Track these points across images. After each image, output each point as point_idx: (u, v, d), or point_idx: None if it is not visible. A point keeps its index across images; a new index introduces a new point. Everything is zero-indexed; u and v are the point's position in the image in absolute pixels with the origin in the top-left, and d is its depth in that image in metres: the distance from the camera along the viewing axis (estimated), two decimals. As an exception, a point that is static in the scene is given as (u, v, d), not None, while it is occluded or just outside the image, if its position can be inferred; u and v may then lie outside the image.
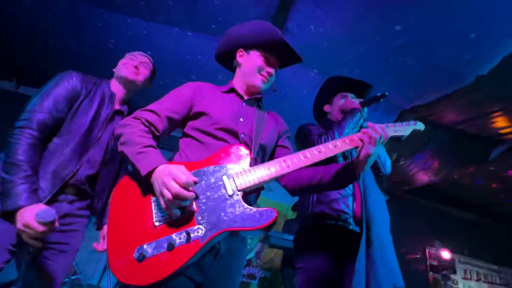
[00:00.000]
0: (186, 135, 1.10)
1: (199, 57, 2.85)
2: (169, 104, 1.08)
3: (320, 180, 1.05)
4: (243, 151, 0.98)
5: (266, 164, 0.95)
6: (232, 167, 0.93)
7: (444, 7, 1.77)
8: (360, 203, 1.37)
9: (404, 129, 1.08)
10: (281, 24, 2.34)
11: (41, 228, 0.95)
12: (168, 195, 0.78)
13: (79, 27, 2.74)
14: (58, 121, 1.17)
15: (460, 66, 2.14)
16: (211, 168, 0.93)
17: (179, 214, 0.82)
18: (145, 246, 0.78)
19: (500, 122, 2.88)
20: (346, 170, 1.01)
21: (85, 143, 1.21)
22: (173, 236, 0.79)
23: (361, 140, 0.97)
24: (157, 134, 1.02)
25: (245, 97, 1.18)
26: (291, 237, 3.23)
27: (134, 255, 0.77)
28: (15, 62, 3.61)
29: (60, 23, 2.75)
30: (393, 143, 1.16)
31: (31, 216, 0.95)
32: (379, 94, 1.53)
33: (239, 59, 1.21)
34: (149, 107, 1.06)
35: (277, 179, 0.99)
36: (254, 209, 0.84)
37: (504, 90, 2.31)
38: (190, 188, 0.81)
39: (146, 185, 0.87)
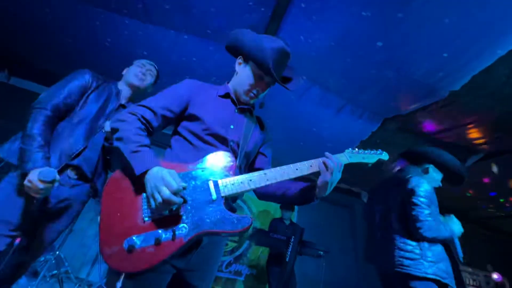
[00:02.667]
0: (178, 133, 1.14)
1: (194, 59, 2.97)
2: (165, 102, 1.12)
3: (283, 193, 1.16)
4: (229, 158, 1.07)
5: (249, 176, 1.04)
6: (218, 173, 1.03)
7: (420, 27, 1.97)
8: None
9: (371, 157, 1.22)
10: (273, 33, 2.49)
11: (40, 185, 1.13)
12: (159, 199, 0.87)
13: (76, 24, 2.82)
14: (69, 107, 1.38)
15: (435, 81, 2.35)
16: (199, 172, 1.03)
17: (167, 214, 0.92)
18: (134, 238, 0.88)
19: (474, 133, 3.13)
20: (307, 191, 1.11)
21: (92, 129, 1.39)
22: (160, 231, 0.90)
23: (320, 167, 1.05)
24: (151, 130, 1.09)
25: (238, 104, 1.21)
26: (277, 236, 3.40)
27: (124, 245, 0.88)
28: (8, 53, 3.64)
29: (57, 19, 2.82)
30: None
31: (35, 174, 1.13)
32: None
33: (237, 67, 1.23)
34: (145, 103, 1.09)
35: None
36: (233, 214, 0.96)
37: (474, 104, 2.54)
38: (179, 194, 0.90)
39: (138, 182, 0.95)
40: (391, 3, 1.86)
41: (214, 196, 0.98)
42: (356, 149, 1.22)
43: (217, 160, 1.06)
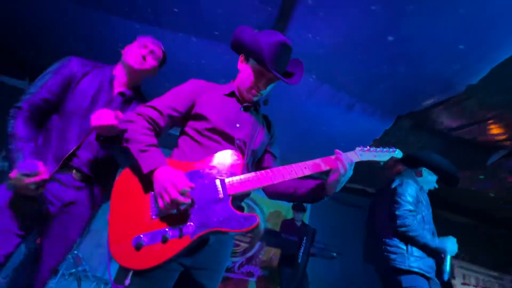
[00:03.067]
0: (185, 133, 1.15)
1: (203, 62, 3.00)
2: (171, 102, 1.13)
3: (294, 192, 1.16)
4: (237, 156, 1.07)
5: (255, 174, 1.04)
6: (225, 172, 1.03)
7: (433, 19, 1.89)
8: None
9: (383, 155, 1.21)
10: (281, 32, 2.48)
11: (25, 179, 1.06)
12: (167, 199, 0.89)
13: (90, 31, 2.93)
14: (51, 102, 1.24)
15: (451, 75, 2.25)
16: (206, 170, 1.04)
17: (175, 213, 0.94)
18: (142, 236, 0.90)
19: (494, 129, 2.97)
20: (318, 189, 1.12)
21: (85, 126, 1.23)
22: (167, 229, 0.92)
23: (329, 166, 1.06)
24: (159, 130, 1.10)
25: (243, 102, 1.21)
26: (289, 237, 3.37)
27: (132, 243, 0.90)
28: (28, 62, 3.82)
29: (72, 27, 2.94)
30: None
31: (16, 170, 1.08)
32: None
33: (239, 65, 1.23)
34: (152, 103, 1.11)
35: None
36: (239, 213, 0.96)
37: (494, 98, 2.41)
38: (187, 194, 0.92)
39: (146, 181, 0.96)
40: (401, -5, 1.81)
41: (221, 194, 0.99)
42: (368, 146, 1.20)
43: (224, 159, 1.06)
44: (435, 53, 2.13)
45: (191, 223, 0.94)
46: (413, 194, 1.89)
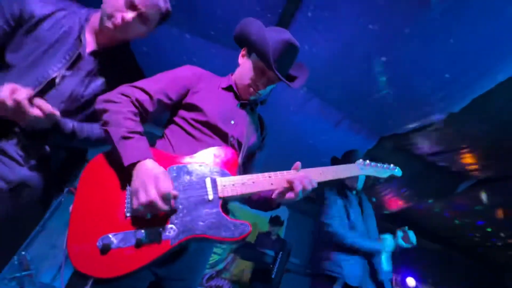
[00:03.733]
0: (174, 123, 1.05)
1: (194, 60, 2.91)
2: (164, 85, 1.01)
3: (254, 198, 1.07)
4: (232, 155, 0.98)
5: (251, 177, 0.93)
6: (218, 170, 0.92)
7: (425, 45, 1.98)
8: None
9: (383, 172, 1.19)
10: (278, 40, 2.47)
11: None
12: (143, 199, 0.75)
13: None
14: None
15: (435, 101, 2.36)
16: (196, 166, 0.91)
17: (148, 217, 0.79)
18: (111, 236, 0.75)
19: (467, 158, 3.15)
20: (270, 201, 1.01)
21: (35, 83, 0.92)
22: (143, 231, 0.77)
23: (291, 183, 0.92)
24: (145, 116, 0.97)
25: (241, 99, 1.13)
26: (265, 250, 3.24)
27: (98, 243, 0.74)
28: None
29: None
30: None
31: None
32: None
33: (240, 58, 1.16)
34: (142, 84, 0.98)
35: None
36: (230, 219, 0.84)
37: (472, 129, 2.56)
38: (170, 201, 0.78)
39: (125, 172, 0.82)
40: (400, 17, 1.87)
41: (210, 196, 0.86)
42: (367, 161, 1.17)
43: (219, 155, 0.95)
44: (423, 78, 2.22)
45: (173, 226, 0.80)
46: (335, 201, 2.02)
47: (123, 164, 0.81)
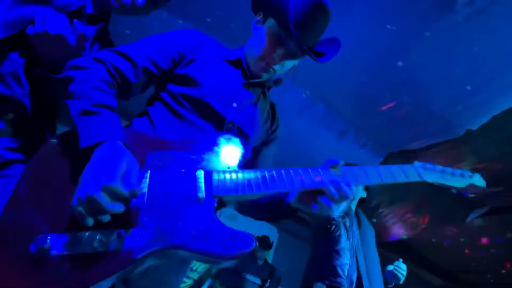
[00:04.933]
0: (159, 99, 0.94)
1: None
2: (152, 51, 0.89)
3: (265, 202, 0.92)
4: (234, 144, 0.83)
5: (258, 173, 0.77)
6: (214, 161, 0.79)
7: (447, 51, 1.99)
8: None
9: (457, 180, 0.96)
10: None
11: None
12: (82, 194, 0.57)
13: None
14: None
15: (453, 115, 2.36)
16: (185, 154, 0.79)
17: (89, 224, 0.60)
18: (49, 238, 0.60)
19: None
20: (281, 204, 0.88)
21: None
22: (97, 235, 0.61)
23: (322, 188, 0.76)
24: (125, 89, 0.85)
25: (249, 77, 1.00)
26: (250, 277, 3.09)
27: (31, 247, 0.59)
28: None
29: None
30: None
31: None
32: None
33: (254, 25, 1.02)
34: (123, 48, 0.86)
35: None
36: (225, 226, 0.67)
37: (489, 149, 2.56)
38: (125, 199, 0.61)
39: (84, 157, 0.67)
40: (421, 19, 1.87)
41: (201, 192, 0.71)
42: (430, 164, 0.97)
43: (216, 144, 0.82)
44: (442, 88, 2.22)
45: (143, 231, 0.64)
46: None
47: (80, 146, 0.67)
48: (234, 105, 0.94)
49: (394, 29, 1.99)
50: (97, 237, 0.61)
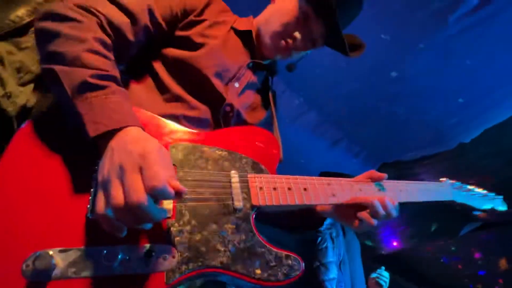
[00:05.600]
0: (147, 66, 0.80)
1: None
2: (151, 3, 0.74)
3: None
4: (273, 142, 0.75)
5: (298, 180, 0.71)
6: (250, 163, 0.68)
7: (440, 63, 2.07)
8: None
9: (482, 201, 0.98)
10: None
11: None
12: (117, 199, 0.45)
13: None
14: None
15: (446, 127, 2.44)
16: (213, 150, 0.65)
17: (121, 235, 0.48)
18: (51, 253, 0.46)
19: (474, 196, 3.25)
20: (312, 214, 0.84)
21: None
22: (117, 251, 0.49)
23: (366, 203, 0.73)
24: (123, 51, 0.70)
25: (257, 56, 0.90)
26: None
27: (24, 266, 0.45)
28: None
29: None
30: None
31: None
32: None
33: None
34: None
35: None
36: (270, 246, 0.59)
37: (480, 163, 2.66)
38: (170, 202, 0.54)
39: (86, 148, 0.56)
40: (415, 30, 1.95)
41: (238, 202, 0.61)
42: (460, 183, 0.98)
43: (252, 139, 0.72)
44: (435, 100, 2.30)
45: (173, 249, 0.53)
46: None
47: (83, 135, 0.53)
48: (236, 85, 0.84)
49: (389, 39, 2.07)
50: (119, 255, 0.49)
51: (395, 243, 4.60)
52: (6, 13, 0.71)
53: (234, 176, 0.65)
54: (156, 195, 0.47)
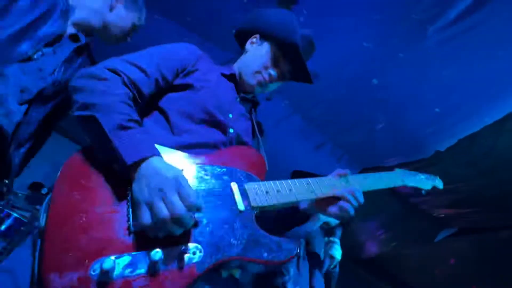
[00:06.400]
0: (159, 110, 0.98)
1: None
2: (161, 61, 0.95)
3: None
4: (258, 156, 0.96)
5: (285, 183, 0.91)
6: (243, 175, 0.88)
7: (418, 74, 2.20)
8: None
9: (425, 183, 1.21)
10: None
11: None
12: (165, 213, 0.63)
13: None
14: None
15: (423, 136, 2.58)
16: (216, 168, 0.85)
17: (158, 237, 0.66)
18: (113, 259, 0.61)
19: (449, 204, 3.43)
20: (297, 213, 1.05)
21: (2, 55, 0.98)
22: (159, 252, 0.65)
23: (339, 195, 0.95)
24: (140, 103, 0.89)
25: (242, 92, 1.15)
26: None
27: (91, 270, 0.59)
28: None
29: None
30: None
31: None
32: None
33: (249, 45, 1.19)
34: (135, 59, 0.90)
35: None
36: (269, 235, 0.79)
37: (455, 172, 2.82)
38: (193, 214, 0.69)
39: (121, 172, 0.72)
40: (395, 40, 2.06)
41: (241, 205, 0.81)
42: (406, 170, 1.20)
43: (241, 155, 0.93)
44: (413, 109, 2.43)
45: (198, 246, 0.70)
46: None
47: (125, 163, 0.69)
48: (230, 116, 1.05)
49: (371, 47, 2.18)
50: (161, 256, 0.64)
51: (373, 248, 4.77)
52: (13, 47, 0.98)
53: (234, 186, 0.84)
54: (191, 209, 0.65)
